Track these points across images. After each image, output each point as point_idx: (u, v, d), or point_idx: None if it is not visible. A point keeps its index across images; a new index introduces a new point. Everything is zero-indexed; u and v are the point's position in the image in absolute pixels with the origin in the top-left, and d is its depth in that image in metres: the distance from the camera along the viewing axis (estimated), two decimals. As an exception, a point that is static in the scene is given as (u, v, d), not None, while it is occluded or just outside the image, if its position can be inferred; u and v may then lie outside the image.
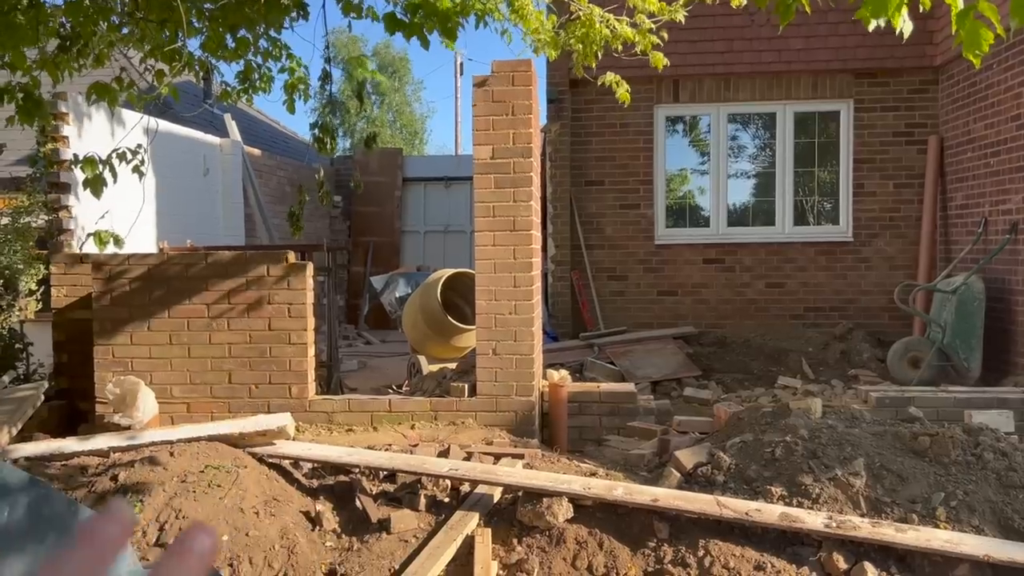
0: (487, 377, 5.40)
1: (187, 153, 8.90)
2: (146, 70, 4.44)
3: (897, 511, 3.67)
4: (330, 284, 7.24)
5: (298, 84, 4.23)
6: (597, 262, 9.04)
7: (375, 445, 4.80)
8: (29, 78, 4.03)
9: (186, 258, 5.55)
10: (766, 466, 3.97)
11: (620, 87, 5.15)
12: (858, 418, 4.47)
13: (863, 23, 2.90)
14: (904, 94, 8.72)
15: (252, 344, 5.45)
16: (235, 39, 4.06)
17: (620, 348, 7.94)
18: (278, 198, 11.38)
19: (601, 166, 9.04)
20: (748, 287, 8.89)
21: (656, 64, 4.93)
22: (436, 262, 12.17)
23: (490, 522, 3.94)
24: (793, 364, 7.90)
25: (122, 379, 5.26)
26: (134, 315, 5.51)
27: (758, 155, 9.36)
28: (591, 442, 5.46)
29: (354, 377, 8.10)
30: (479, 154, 5.39)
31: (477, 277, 5.43)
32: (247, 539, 3.73)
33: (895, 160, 8.77)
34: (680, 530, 3.70)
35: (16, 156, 9.64)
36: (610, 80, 5.12)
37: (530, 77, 5.40)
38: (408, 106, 32.69)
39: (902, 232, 8.78)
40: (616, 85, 5.13)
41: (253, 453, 4.46)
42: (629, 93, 5.43)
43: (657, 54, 4.87)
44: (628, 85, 5.53)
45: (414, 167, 14.28)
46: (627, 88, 5.29)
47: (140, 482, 3.99)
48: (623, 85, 5.16)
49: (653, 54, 4.86)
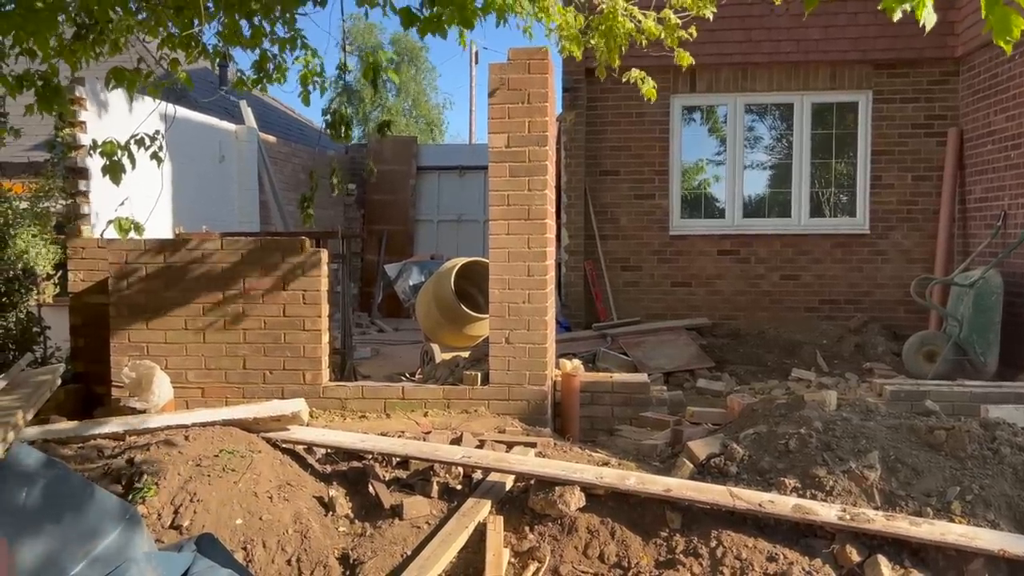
0: (500, 366, 5.40)
1: (203, 139, 8.93)
2: (162, 57, 4.44)
3: (912, 504, 3.65)
4: (344, 271, 7.26)
5: (312, 76, 4.23)
6: (611, 252, 9.02)
7: (388, 432, 4.82)
8: (48, 65, 4.04)
9: (202, 244, 5.58)
10: (780, 458, 3.96)
11: (645, 84, 5.09)
12: (873, 411, 4.44)
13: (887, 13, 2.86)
14: (924, 85, 8.63)
15: (267, 330, 5.47)
16: (251, 27, 4.05)
17: (633, 339, 7.93)
18: (292, 185, 11.41)
19: (616, 156, 9.01)
20: (763, 279, 8.85)
21: (682, 62, 4.88)
22: (449, 251, 12.18)
23: (502, 510, 3.95)
24: (807, 357, 7.86)
25: (138, 363, 5.30)
26: (150, 300, 5.55)
27: (774, 146, 9.29)
28: (603, 432, 5.46)
29: (367, 364, 8.13)
30: (494, 142, 5.38)
31: (491, 266, 5.43)
32: (261, 523, 3.76)
33: (914, 152, 8.69)
34: (693, 520, 3.69)
35: (33, 141, 9.70)
36: (635, 77, 5.06)
37: (546, 65, 5.38)
38: (425, 96, 32.65)
39: (919, 225, 8.70)
40: (641, 82, 5.07)
41: (267, 438, 4.49)
42: (655, 89, 5.35)
43: (683, 52, 4.82)
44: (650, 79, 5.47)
45: (428, 156, 14.28)
46: (653, 85, 5.21)
47: (155, 465, 4.02)
48: (648, 82, 5.09)
49: (679, 51, 4.80)
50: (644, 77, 5.15)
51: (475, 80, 24.68)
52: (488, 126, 5.42)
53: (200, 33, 3.89)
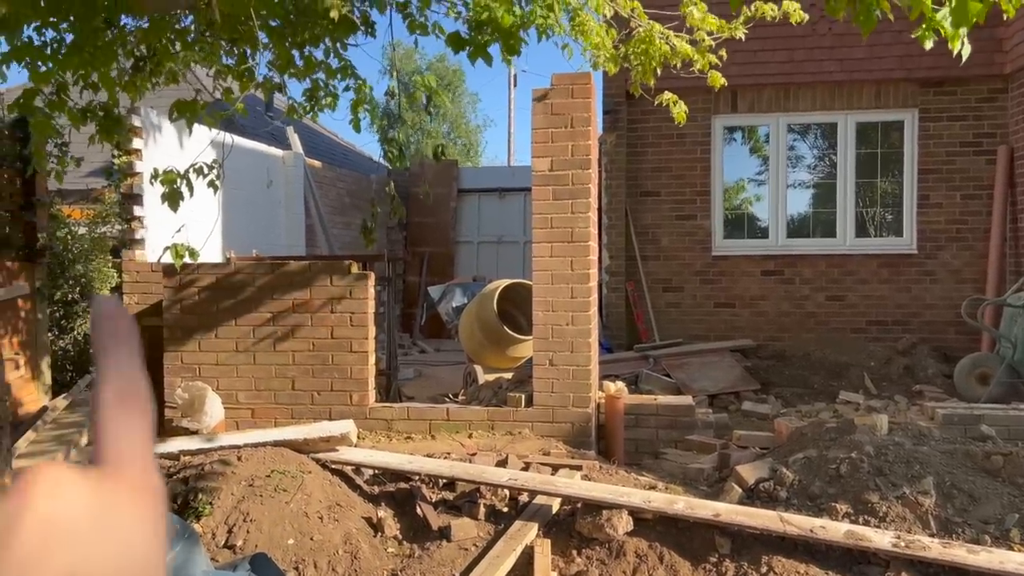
0: (544, 388, 5.42)
1: (252, 165, 9.15)
2: (216, 88, 4.59)
3: (969, 532, 3.57)
4: (390, 294, 7.35)
5: (363, 103, 4.34)
6: (652, 273, 8.99)
7: (434, 453, 4.86)
8: (108, 97, 4.21)
9: (253, 267, 5.71)
10: (830, 483, 3.90)
11: (676, 107, 5.12)
12: (926, 435, 4.36)
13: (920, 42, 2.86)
14: (972, 103, 8.49)
15: (315, 352, 5.57)
16: (302, 57, 4.18)
17: (676, 360, 7.88)
18: (337, 209, 11.60)
19: (657, 176, 9.01)
20: (808, 300, 8.74)
21: (714, 83, 4.90)
22: (489, 272, 12.25)
23: (549, 533, 3.95)
24: (855, 379, 7.73)
25: (190, 384, 5.43)
26: (202, 323, 5.69)
27: (817, 165, 9.21)
28: (648, 455, 5.43)
29: (410, 385, 8.20)
30: (538, 166, 5.43)
31: (534, 288, 5.47)
32: (312, 543, 3.81)
33: (962, 171, 8.54)
34: (742, 546, 3.66)
35: (90, 168, 10.03)
36: (667, 99, 5.10)
37: (589, 90, 5.43)
38: (463, 118, 33.02)
39: (969, 244, 8.53)
40: (673, 104, 5.11)
41: (316, 459, 4.56)
42: (686, 114, 5.38)
43: (715, 73, 4.85)
44: (685, 99, 5.46)
45: (468, 178, 14.41)
46: (684, 109, 5.25)
47: (209, 484, 4.11)
48: (680, 105, 5.13)
49: (712, 73, 4.84)
50: (676, 100, 5.18)
51: (514, 103, 24.89)
52: (532, 150, 5.48)
53: (255, 64, 4.02)
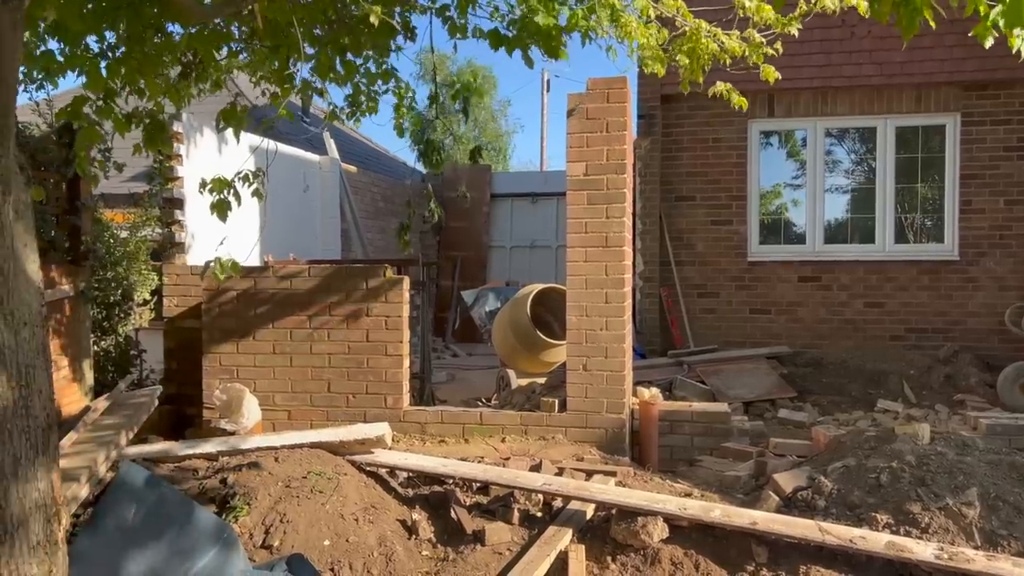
0: (577, 393, 5.41)
1: (289, 171, 9.27)
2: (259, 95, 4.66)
3: (1015, 545, 3.49)
4: (424, 298, 7.39)
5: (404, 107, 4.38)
6: (687, 279, 8.93)
7: (468, 457, 4.88)
8: (154, 103, 4.29)
9: (290, 271, 5.79)
10: (870, 492, 3.84)
11: (734, 94, 5.06)
12: (969, 445, 4.27)
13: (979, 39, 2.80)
14: (1016, 107, 8.32)
15: (350, 355, 5.63)
16: (343, 63, 4.22)
17: (710, 367, 7.81)
18: (372, 213, 11.70)
19: (692, 181, 8.95)
20: (846, 306, 8.62)
21: (767, 77, 4.84)
22: (522, 277, 12.26)
23: (583, 539, 3.94)
24: (893, 387, 7.59)
25: (228, 386, 5.51)
26: (240, 325, 5.78)
27: (855, 170, 9.08)
28: (683, 462, 5.39)
29: (443, 389, 8.23)
30: (572, 171, 5.43)
31: (568, 293, 5.46)
32: (347, 545, 3.84)
33: (1006, 176, 8.36)
34: (779, 555, 3.61)
35: (131, 172, 10.23)
36: (721, 89, 5.04)
37: (625, 94, 5.42)
38: (493, 121, 33.11)
39: (1013, 251, 8.35)
40: (728, 93, 5.05)
41: (352, 461, 4.60)
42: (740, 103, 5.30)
43: (768, 67, 4.79)
44: (722, 104, 5.42)
45: (501, 183, 14.45)
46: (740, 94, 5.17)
47: (247, 485, 4.16)
48: (735, 92, 5.06)
49: (765, 67, 4.78)
50: (731, 88, 5.11)
51: (547, 107, 24.89)
52: (566, 154, 5.48)
53: (297, 71, 4.08)
